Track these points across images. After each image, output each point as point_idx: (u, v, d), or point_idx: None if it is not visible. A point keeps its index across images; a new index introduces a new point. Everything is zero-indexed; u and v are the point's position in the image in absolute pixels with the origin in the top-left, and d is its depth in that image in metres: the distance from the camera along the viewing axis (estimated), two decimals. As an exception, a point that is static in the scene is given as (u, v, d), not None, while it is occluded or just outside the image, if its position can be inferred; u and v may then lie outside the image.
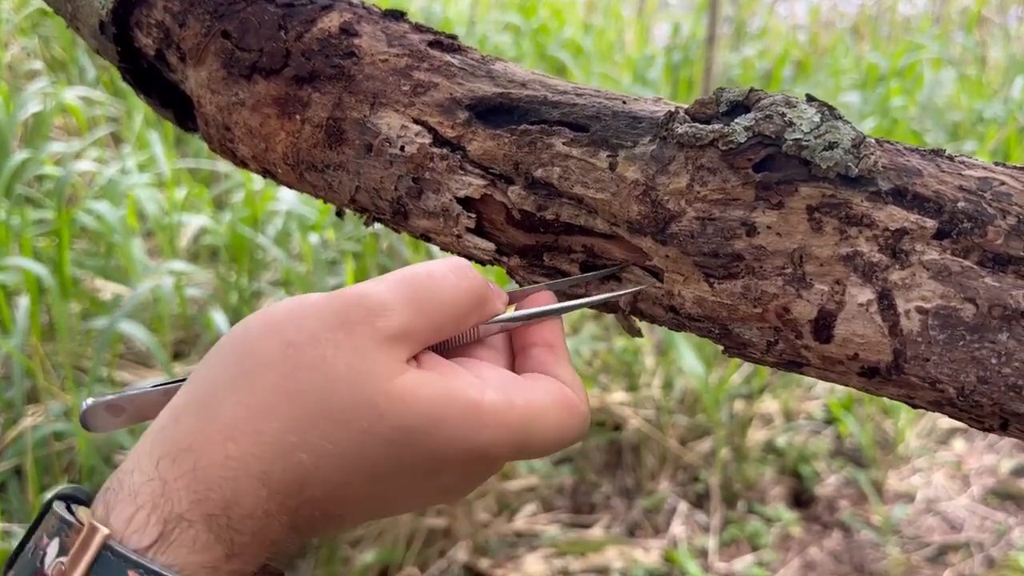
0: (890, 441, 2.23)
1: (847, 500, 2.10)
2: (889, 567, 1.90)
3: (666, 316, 0.37)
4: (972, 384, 0.31)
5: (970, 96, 2.94)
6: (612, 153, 0.36)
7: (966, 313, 0.31)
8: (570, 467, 2.11)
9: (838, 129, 0.32)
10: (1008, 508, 2.14)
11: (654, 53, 3.19)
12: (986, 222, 0.31)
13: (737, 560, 1.91)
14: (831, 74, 3.09)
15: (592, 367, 2.12)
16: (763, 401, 2.23)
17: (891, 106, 2.66)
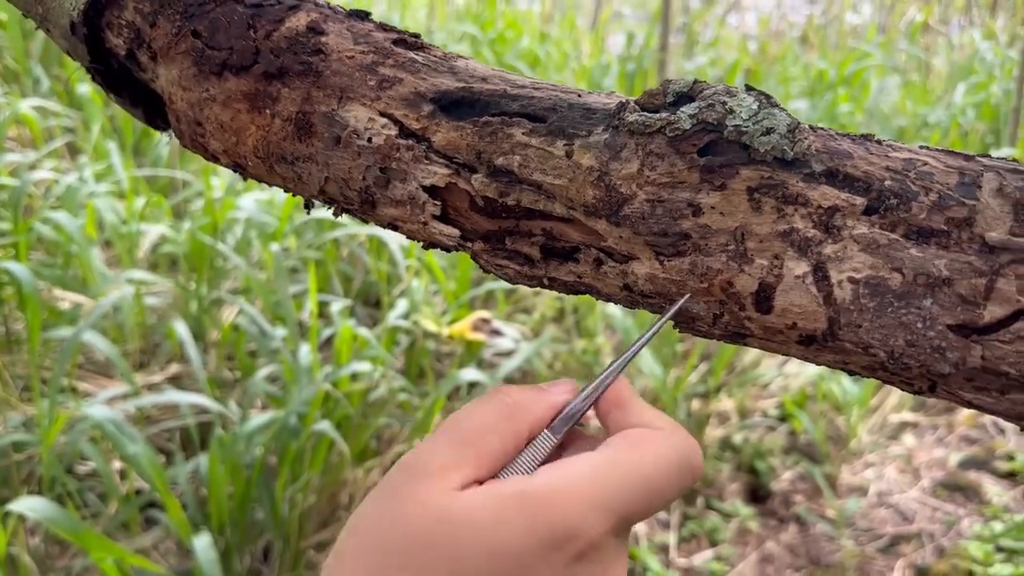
0: (842, 436, 2.29)
1: (802, 494, 2.15)
2: (844, 559, 1.96)
3: (621, 294, 0.39)
4: (901, 348, 0.34)
5: (915, 102, 3.04)
6: (568, 142, 0.38)
7: (893, 282, 0.33)
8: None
9: (774, 116, 0.35)
10: (957, 500, 2.21)
11: (609, 62, 3.24)
12: (910, 199, 0.34)
13: (697, 555, 1.94)
14: (781, 81, 3.17)
15: (553, 369, 2.15)
16: (719, 400, 2.27)
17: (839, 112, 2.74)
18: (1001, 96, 2.92)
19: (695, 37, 3.39)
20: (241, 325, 1.83)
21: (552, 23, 4.36)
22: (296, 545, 1.59)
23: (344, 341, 1.65)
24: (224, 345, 1.95)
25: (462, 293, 2.08)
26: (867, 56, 3.29)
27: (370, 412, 1.72)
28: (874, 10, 4.34)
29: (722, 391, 2.31)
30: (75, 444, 1.39)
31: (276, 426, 1.53)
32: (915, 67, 3.37)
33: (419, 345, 1.89)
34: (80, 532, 1.10)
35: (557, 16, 4.28)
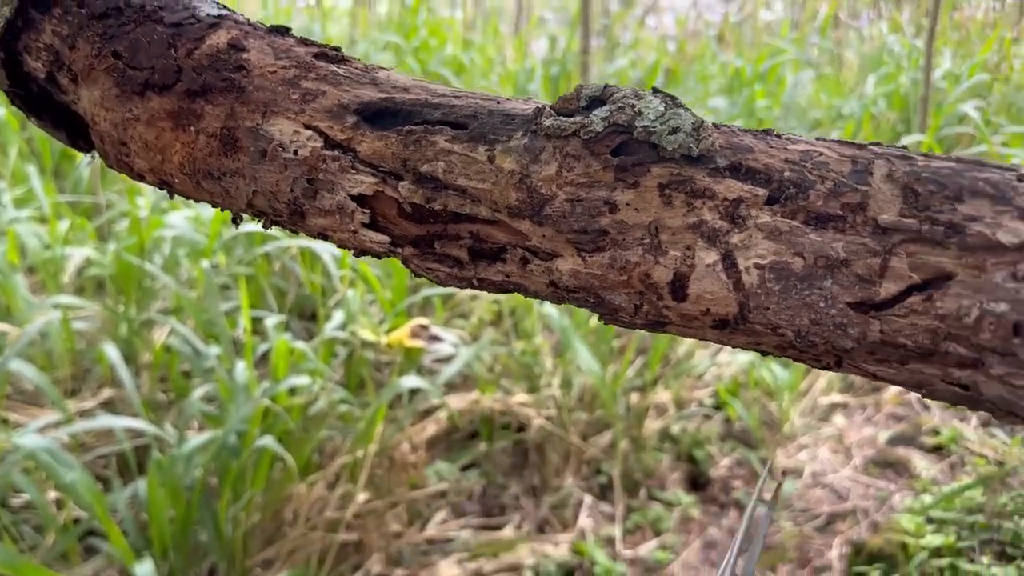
0: (776, 421, 2.36)
1: (740, 480, 2.21)
2: (783, 539, 2.02)
3: (547, 291, 0.41)
4: (807, 326, 0.36)
5: (829, 94, 3.16)
6: (490, 147, 0.40)
7: (796, 265, 0.36)
8: (478, 471, 2.14)
9: (680, 116, 0.37)
10: (888, 475, 2.30)
11: (533, 66, 3.28)
12: (808, 187, 0.37)
13: (642, 546, 1.98)
14: (700, 80, 3.25)
15: (493, 372, 2.16)
16: (656, 393, 2.32)
17: (756, 108, 2.83)
18: (909, 86, 3.05)
19: (615, 39, 3.45)
20: (173, 345, 1.80)
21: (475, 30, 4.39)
22: (241, 565, 1.57)
23: (280, 356, 1.64)
24: (157, 367, 1.92)
25: (399, 301, 2.08)
26: (781, 52, 3.40)
27: (311, 426, 1.71)
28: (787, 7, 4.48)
29: (659, 384, 2.36)
30: (7, 476, 1.35)
31: (215, 445, 1.51)
32: (828, 61, 3.50)
33: (358, 355, 1.89)
34: (18, 565, 1.07)
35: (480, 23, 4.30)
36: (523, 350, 2.13)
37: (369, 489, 1.79)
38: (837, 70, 3.47)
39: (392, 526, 1.90)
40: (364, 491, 1.74)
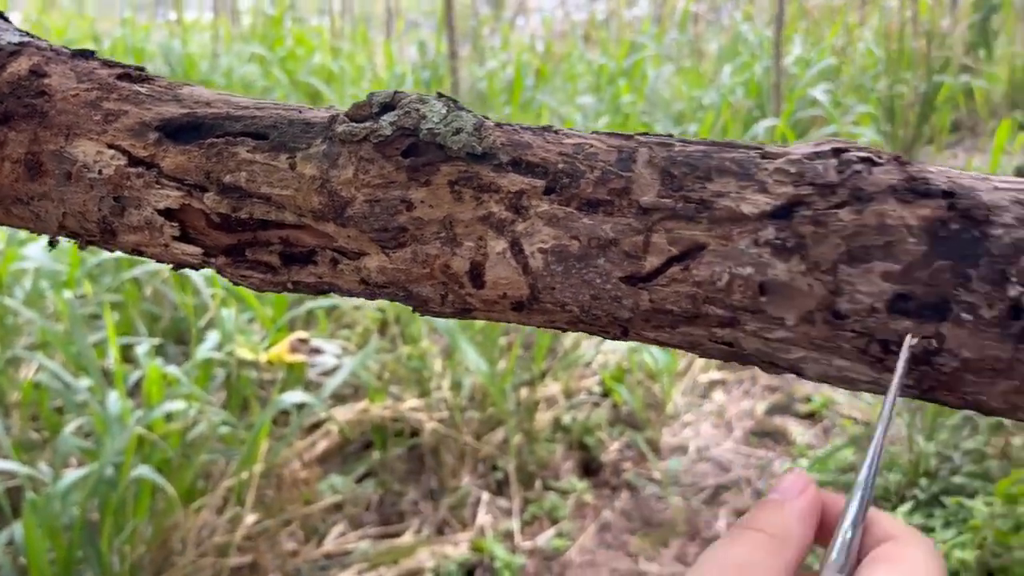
0: (659, 402, 2.46)
1: (630, 462, 2.29)
2: (673, 515, 2.10)
3: (360, 288, 0.43)
4: (588, 302, 0.40)
5: (690, 86, 3.30)
6: (291, 155, 0.42)
7: (573, 248, 0.40)
8: (374, 481, 2.14)
9: (462, 117, 0.40)
10: (767, 444, 2.42)
11: (404, 72, 3.29)
12: (579, 177, 0.40)
13: (540, 536, 2.02)
14: (568, 79, 3.33)
15: (382, 379, 2.17)
16: (546, 385, 2.37)
17: (621, 103, 2.93)
18: (762, 73, 3.22)
19: (482, 42, 3.51)
20: (42, 382, 1.73)
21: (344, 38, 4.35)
22: (129, 598, 1.53)
23: (153, 382, 1.60)
24: (27, 405, 1.84)
25: (279, 316, 2.06)
26: (642, 48, 3.53)
27: (192, 451, 1.68)
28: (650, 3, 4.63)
29: (548, 377, 2.42)
30: None
31: (92, 479, 1.46)
32: (687, 54, 3.65)
33: (238, 376, 1.86)
34: None
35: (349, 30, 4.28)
36: (410, 355, 2.14)
37: (259, 509, 1.77)
38: (697, 62, 3.63)
39: (287, 545, 1.88)
40: (253, 512, 1.72)
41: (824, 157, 0.39)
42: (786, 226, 0.37)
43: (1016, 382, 0.35)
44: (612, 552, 2.05)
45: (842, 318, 0.37)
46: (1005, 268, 0.35)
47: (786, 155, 0.39)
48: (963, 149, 3.62)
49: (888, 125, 3.04)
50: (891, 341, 0.36)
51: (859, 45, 3.46)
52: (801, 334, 0.38)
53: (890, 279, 0.36)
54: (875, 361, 0.37)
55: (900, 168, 0.38)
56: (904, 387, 0.37)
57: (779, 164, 0.39)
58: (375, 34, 4.82)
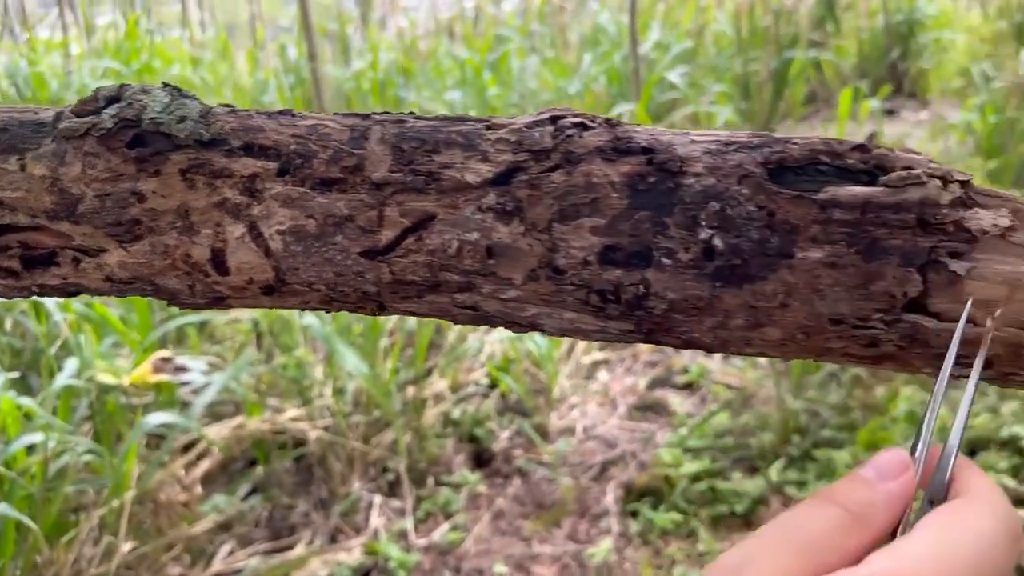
0: (545, 387, 2.50)
1: (520, 448, 2.32)
2: (564, 495, 2.14)
3: (107, 286, 0.43)
4: (333, 279, 0.41)
5: (555, 76, 3.35)
6: (20, 156, 0.41)
7: (310, 227, 0.40)
8: (261, 496, 2.10)
9: (186, 105, 0.40)
10: (650, 417, 2.49)
11: (267, 77, 3.23)
12: (312, 157, 0.41)
13: (435, 531, 2.03)
14: (436, 75, 3.34)
15: (259, 392, 2.13)
16: (432, 382, 2.38)
17: (488, 96, 2.96)
18: (621, 61, 3.31)
19: (347, 42, 3.47)
20: None
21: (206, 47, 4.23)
22: (-4, 645, 1.46)
23: (7, 415, 1.52)
24: None
25: (144, 336, 2.00)
26: (507, 41, 3.57)
27: (57, 483, 1.61)
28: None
29: (434, 373, 2.42)
30: None
31: (-56, 525, 1.39)
32: (550, 44, 3.71)
33: (102, 401, 1.79)
34: None
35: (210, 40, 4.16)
36: (286, 364, 2.11)
37: (137, 536, 1.71)
38: (562, 53, 3.69)
39: (173, 569, 1.83)
40: (130, 539, 1.66)
41: (542, 125, 0.41)
42: (506, 191, 0.39)
43: (719, 318, 0.38)
44: (507, 539, 2.07)
45: (561, 273, 0.39)
46: (696, 214, 0.37)
47: (509, 125, 0.41)
48: (819, 120, 3.80)
49: (745, 102, 3.18)
50: (607, 291, 0.38)
51: (713, 27, 3.60)
52: (530, 292, 0.40)
53: (598, 233, 0.38)
54: (597, 310, 0.39)
55: (609, 130, 0.40)
56: (626, 332, 0.40)
57: (502, 134, 0.40)
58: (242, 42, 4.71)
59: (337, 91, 3.20)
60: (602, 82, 3.25)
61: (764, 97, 3.18)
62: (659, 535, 1.98)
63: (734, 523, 1.99)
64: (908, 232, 0.35)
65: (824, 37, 3.85)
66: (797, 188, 0.37)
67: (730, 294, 0.37)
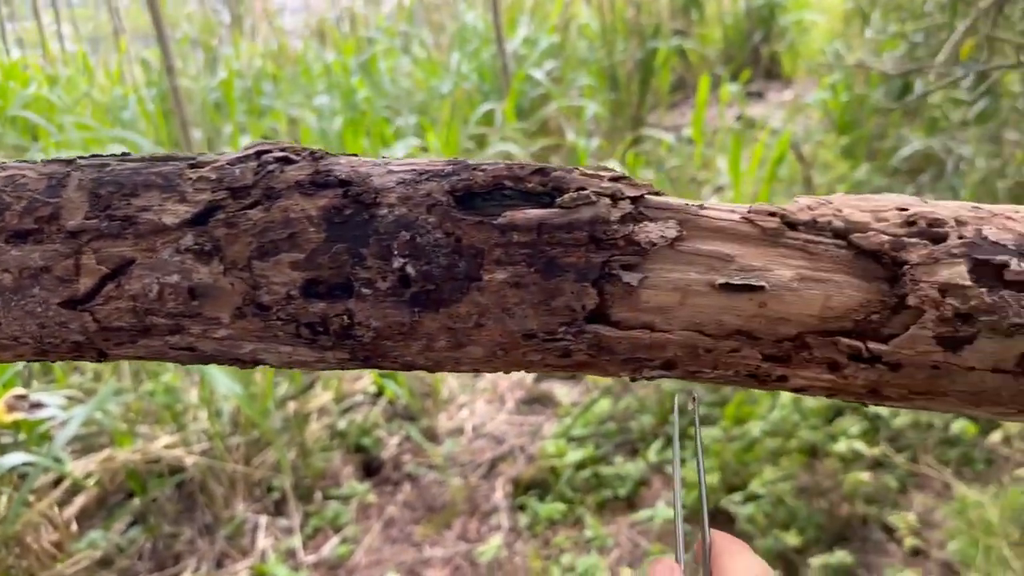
0: (432, 390, 2.50)
1: (409, 454, 2.31)
2: (454, 495, 2.15)
3: None
4: (38, 331, 0.40)
5: (427, 76, 3.34)
6: None
7: (7, 280, 0.39)
8: (141, 528, 2.03)
9: None
10: (537, 410, 2.52)
11: (126, 92, 3.11)
12: (6, 209, 0.40)
13: (324, 547, 2.01)
14: (306, 80, 3.28)
15: (127, 422, 2.06)
16: (316, 395, 2.35)
17: (358, 100, 2.92)
18: (489, 59, 3.33)
19: (212, 51, 3.38)
20: None
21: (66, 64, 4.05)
22: None
23: None
24: None
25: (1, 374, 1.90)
26: (374, 43, 3.54)
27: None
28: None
29: (317, 385, 2.39)
30: None
31: None
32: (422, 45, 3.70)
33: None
34: None
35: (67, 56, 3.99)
36: (153, 390, 2.04)
37: (1, 584, 1.64)
38: (433, 53, 3.68)
39: (45, 616, 1.75)
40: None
41: (246, 161, 0.41)
42: (204, 231, 0.39)
43: (423, 341, 0.39)
44: (398, 546, 2.07)
45: (267, 309, 0.39)
46: (390, 243, 0.38)
47: (213, 163, 0.41)
48: (689, 107, 3.91)
49: (614, 93, 3.24)
50: (315, 323, 0.39)
51: (579, 20, 3.65)
52: (241, 329, 0.40)
53: (298, 267, 0.39)
54: (311, 342, 0.40)
55: (312, 163, 0.40)
56: (344, 360, 0.40)
57: (203, 173, 0.40)
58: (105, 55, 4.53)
59: (203, 103, 3.11)
60: (474, 80, 3.26)
61: (632, 88, 3.25)
62: (547, 526, 2.01)
63: (618, 507, 2.04)
64: (581, 249, 0.37)
65: (688, 25, 3.97)
66: (481, 213, 0.38)
67: (429, 318, 0.38)
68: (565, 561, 1.88)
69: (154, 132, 3.08)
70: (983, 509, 1.54)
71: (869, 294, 0.37)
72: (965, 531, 1.56)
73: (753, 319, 0.38)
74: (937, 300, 0.36)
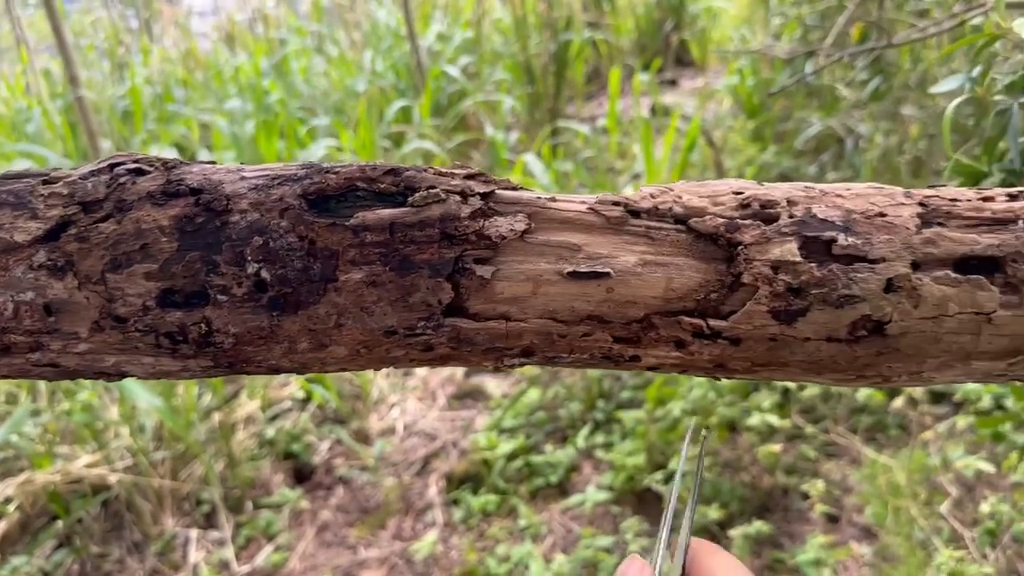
0: (361, 392, 2.49)
1: (341, 457, 2.30)
2: (387, 495, 2.15)
3: None
4: None
5: (342, 75, 3.31)
6: None
7: None
8: (67, 551, 1.98)
9: None
10: (468, 405, 2.54)
11: (30, 105, 3.01)
12: None
13: (258, 556, 1.99)
14: (218, 85, 3.22)
15: (45, 443, 2.00)
16: (242, 404, 2.31)
17: (270, 102, 2.88)
18: (401, 56, 3.32)
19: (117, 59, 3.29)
20: None
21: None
22: None
23: None
24: None
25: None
26: (284, 43, 3.49)
27: None
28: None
29: (243, 395, 2.36)
30: None
31: None
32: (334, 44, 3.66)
33: None
34: None
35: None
36: (70, 410, 1.99)
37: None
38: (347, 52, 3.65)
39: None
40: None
41: (99, 174, 0.41)
42: (56, 247, 0.39)
43: (285, 344, 0.40)
44: (333, 550, 2.06)
45: (124, 321, 0.39)
46: (243, 249, 0.39)
47: (66, 178, 0.41)
48: (605, 97, 3.96)
49: (530, 87, 3.27)
50: (174, 332, 0.39)
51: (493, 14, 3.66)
52: (101, 342, 0.40)
53: (152, 278, 0.39)
54: (172, 352, 0.40)
55: (164, 173, 0.41)
56: (209, 368, 0.41)
57: (55, 188, 0.40)
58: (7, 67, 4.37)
59: (111, 112, 3.02)
60: (390, 78, 3.24)
61: (548, 80, 3.28)
62: (481, 518, 2.03)
63: (550, 494, 2.07)
64: (434, 246, 0.38)
65: (600, 16, 4.02)
66: (334, 216, 0.39)
67: (288, 321, 0.39)
68: (500, 551, 1.90)
69: (61, 145, 2.99)
70: (891, 473, 1.61)
71: (708, 275, 0.39)
72: (876, 495, 1.63)
73: (602, 304, 0.39)
74: (770, 277, 0.39)
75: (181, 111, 2.85)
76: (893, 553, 1.63)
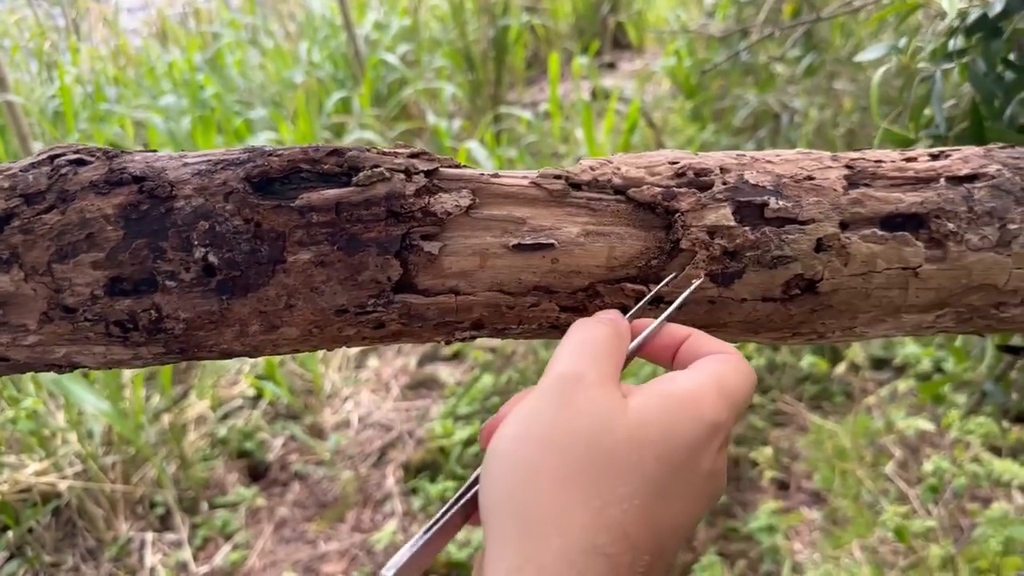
0: (314, 387, 2.47)
1: (295, 453, 2.29)
2: (345, 488, 2.14)
3: None
4: None
5: (278, 67, 3.26)
6: None
7: None
8: (19, 561, 1.94)
9: None
10: (422, 394, 2.54)
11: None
12: None
13: (216, 556, 1.97)
14: (151, 81, 3.15)
15: (-11, 452, 1.95)
16: (191, 405, 2.28)
17: (205, 96, 2.83)
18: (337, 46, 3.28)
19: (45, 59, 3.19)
20: None
21: None
22: None
23: None
24: None
25: None
26: (217, 37, 3.43)
27: None
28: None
29: (191, 394, 2.32)
30: None
31: None
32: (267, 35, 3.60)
33: None
34: None
35: None
36: (15, 417, 1.94)
37: None
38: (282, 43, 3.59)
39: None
40: None
41: (39, 166, 0.40)
42: (0, 241, 0.39)
43: (236, 327, 0.40)
44: (292, 545, 2.05)
45: (73, 311, 0.39)
46: (189, 235, 0.39)
47: (6, 171, 0.40)
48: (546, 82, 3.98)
49: (470, 73, 3.26)
50: (123, 320, 0.39)
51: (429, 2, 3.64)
52: (50, 334, 0.40)
53: (99, 267, 0.39)
54: (123, 340, 0.40)
55: (106, 162, 0.40)
56: (160, 355, 0.41)
57: (-6, 181, 0.40)
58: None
59: (40, 114, 2.93)
60: (328, 69, 3.20)
61: (488, 67, 3.28)
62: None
63: (508, 478, 2.09)
64: (381, 224, 0.39)
65: (537, 0, 4.02)
66: (279, 198, 0.39)
67: (239, 304, 0.39)
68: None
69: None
70: (837, 438, 1.66)
71: (648, 242, 0.41)
72: (823, 461, 1.68)
73: (548, 275, 0.40)
74: (707, 241, 0.40)
75: (114, 110, 2.78)
76: (842, 516, 1.69)
